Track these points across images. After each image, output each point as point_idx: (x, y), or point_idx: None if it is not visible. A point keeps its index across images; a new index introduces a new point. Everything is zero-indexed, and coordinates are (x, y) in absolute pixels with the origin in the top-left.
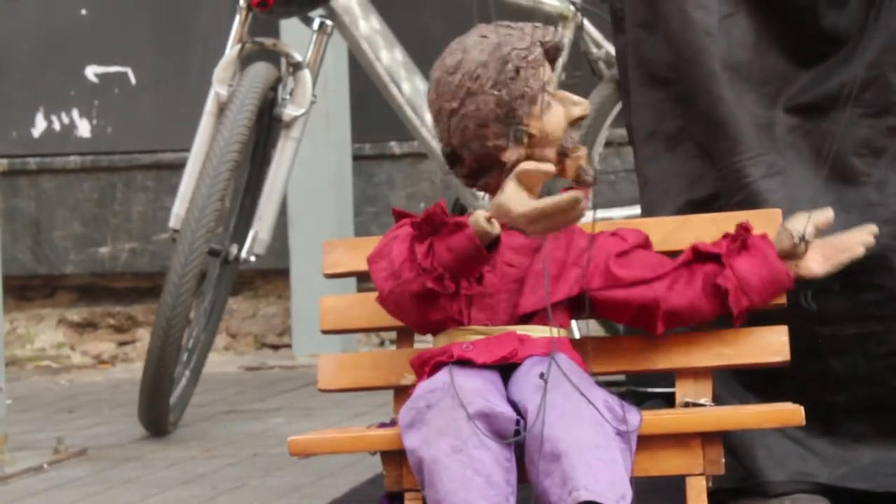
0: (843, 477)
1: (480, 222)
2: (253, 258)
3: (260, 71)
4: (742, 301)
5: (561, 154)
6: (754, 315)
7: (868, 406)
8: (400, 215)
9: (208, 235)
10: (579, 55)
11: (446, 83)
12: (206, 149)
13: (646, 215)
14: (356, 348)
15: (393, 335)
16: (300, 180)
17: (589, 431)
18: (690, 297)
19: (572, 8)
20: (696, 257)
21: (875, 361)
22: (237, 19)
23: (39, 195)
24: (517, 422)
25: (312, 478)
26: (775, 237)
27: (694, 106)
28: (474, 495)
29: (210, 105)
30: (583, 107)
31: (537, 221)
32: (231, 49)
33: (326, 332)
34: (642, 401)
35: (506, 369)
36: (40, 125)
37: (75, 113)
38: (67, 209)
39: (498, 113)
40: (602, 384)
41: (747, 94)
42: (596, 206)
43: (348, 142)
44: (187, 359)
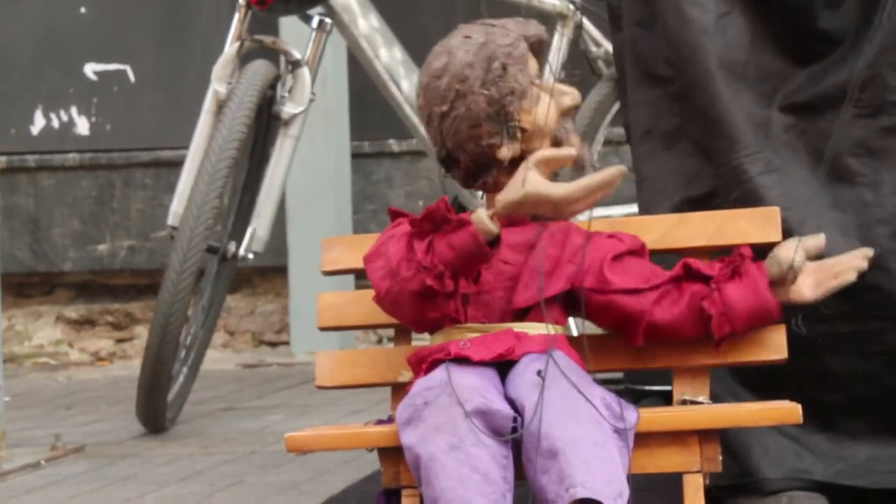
0: (839, 474)
1: (484, 220)
2: (251, 255)
3: (259, 69)
4: (725, 328)
5: (556, 145)
6: None
7: (864, 404)
8: (395, 214)
9: (206, 233)
10: (578, 54)
11: (434, 87)
12: (205, 146)
13: (642, 213)
14: (354, 345)
15: (391, 332)
16: (299, 178)
17: (586, 429)
18: (675, 315)
19: (571, 6)
20: (687, 274)
21: (871, 360)
22: (236, 17)
23: (38, 192)
24: (514, 419)
25: (310, 475)
26: (766, 262)
27: (691, 104)
28: (471, 493)
29: (209, 103)
30: (572, 96)
31: (577, 201)
32: (230, 47)
33: (324, 330)
34: (640, 398)
35: (503, 366)
36: (39, 122)
37: (74, 110)
38: (66, 206)
39: (489, 112)
40: (599, 382)
41: (743, 93)
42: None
43: (347, 140)
44: (185, 356)
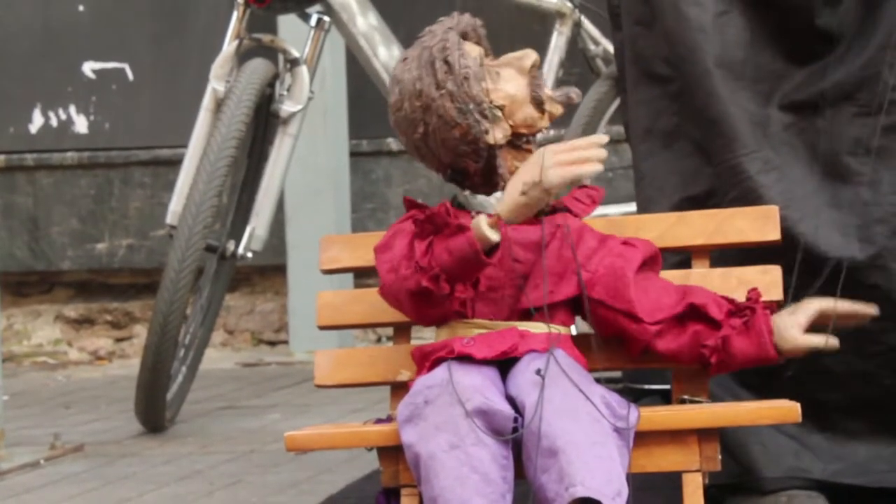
0: (838, 473)
1: (482, 228)
2: (250, 254)
3: (257, 67)
4: (721, 369)
5: (539, 105)
6: None
7: (863, 404)
8: (411, 205)
9: (205, 231)
10: (577, 52)
11: (402, 120)
12: (204, 145)
13: (641, 211)
14: (353, 344)
15: (390, 331)
16: (297, 177)
17: (586, 428)
18: (675, 349)
19: (570, 5)
20: (692, 314)
21: (869, 360)
22: (234, 15)
23: (37, 191)
24: (515, 419)
25: (309, 474)
26: (785, 319)
27: (689, 103)
28: (470, 492)
29: (207, 101)
30: (527, 54)
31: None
32: (228, 45)
33: (323, 328)
34: (639, 397)
35: (505, 364)
36: (37, 121)
37: (72, 109)
38: (65, 205)
39: (458, 106)
40: (599, 381)
41: (742, 92)
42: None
43: (346, 138)
44: (184, 355)
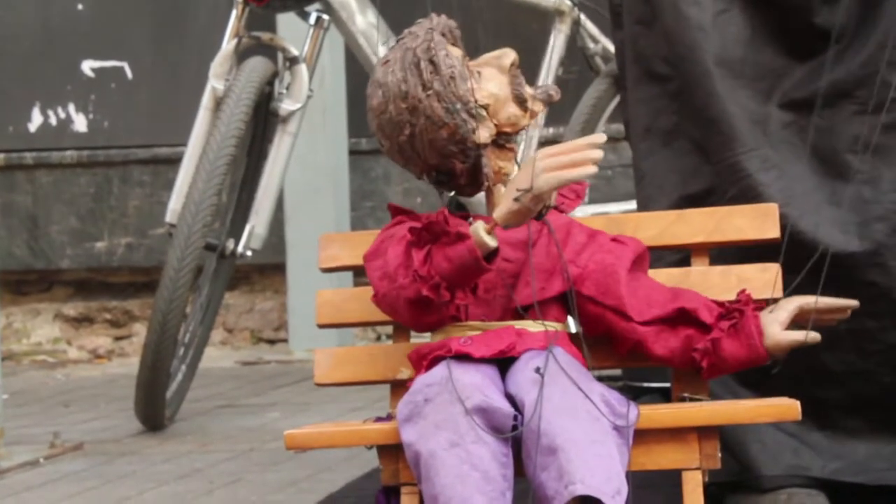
0: (837, 471)
1: (481, 234)
2: (249, 253)
3: (256, 65)
4: (713, 373)
5: (522, 103)
6: None
7: (862, 402)
8: (396, 211)
9: (205, 230)
10: (576, 51)
11: (386, 122)
12: (203, 143)
13: (641, 210)
14: (353, 343)
15: (389, 329)
16: (297, 175)
17: (585, 426)
18: (665, 352)
19: (569, 3)
20: (682, 319)
21: (868, 358)
22: (234, 14)
23: (36, 190)
24: (515, 417)
25: (309, 472)
26: (767, 317)
27: (689, 102)
28: (471, 490)
29: (206, 99)
30: (505, 52)
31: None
32: (227, 43)
33: (323, 327)
34: (639, 395)
35: (503, 363)
36: (37, 120)
37: (72, 107)
38: (64, 204)
39: (445, 106)
40: (599, 379)
41: (741, 90)
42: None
43: (345, 136)
44: (183, 353)
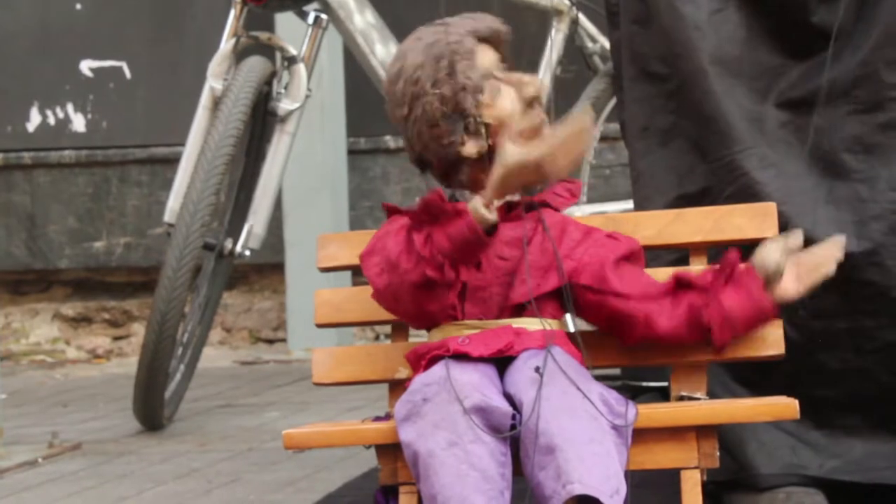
0: (835, 470)
1: (479, 209)
2: (248, 252)
3: (255, 65)
4: (726, 335)
5: (527, 137)
6: None
7: (859, 401)
8: (391, 210)
9: (203, 230)
10: (575, 50)
11: (393, 93)
12: (201, 143)
13: (638, 209)
14: (351, 342)
15: (388, 329)
16: (295, 175)
17: (584, 425)
18: (673, 326)
19: (567, 2)
20: (680, 286)
21: (866, 357)
22: (232, 13)
23: (34, 189)
24: (513, 416)
25: (307, 472)
26: (753, 263)
27: (685, 101)
28: (469, 489)
29: (205, 99)
30: (534, 84)
31: (557, 156)
32: (226, 43)
33: (321, 326)
34: (637, 395)
35: (501, 362)
36: (35, 119)
37: (70, 107)
38: (62, 203)
39: (444, 110)
40: (597, 378)
41: (738, 89)
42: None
43: (343, 136)
44: (182, 353)
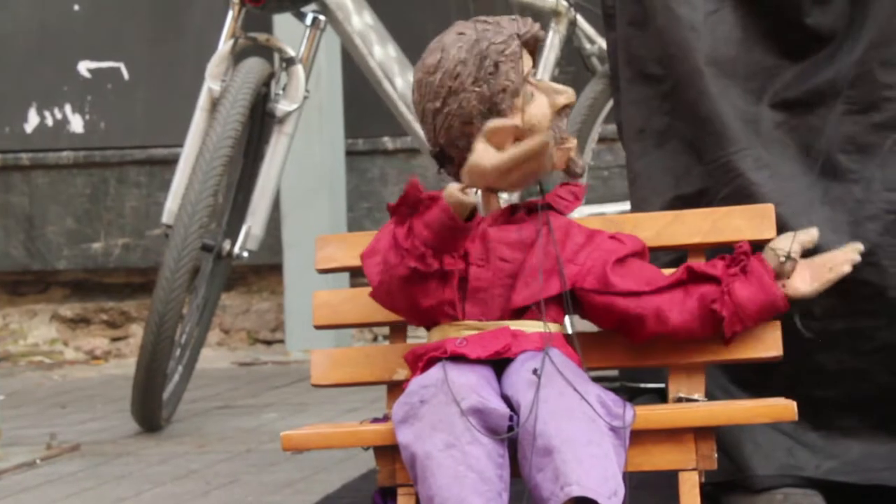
0: (831, 470)
1: (454, 194)
2: (246, 254)
3: (253, 66)
4: (736, 326)
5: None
6: None
7: (857, 401)
8: (394, 211)
9: (201, 231)
10: (573, 51)
11: (428, 83)
12: (199, 144)
13: (634, 211)
14: (349, 343)
15: (386, 330)
16: (293, 176)
17: (581, 427)
18: (685, 319)
19: (565, 3)
20: (691, 277)
21: (863, 357)
22: (230, 14)
23: (32, 190)
24: (511, 418)
25: (305, 473)
26: (764, 255)
27: (681, 102)
28: (467, 491)
29: (203, 100)
30: (567, 95)
31: (509, 172)
32: (224, 44)
33: (319, 328)
34: (635, 396)
35: (499, 364)
36: (33, 120)
37: (68, 108)
38: (60, 204)
39: (481, 109)
40: (595, 380)
41: (733, 90)
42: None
43: (341, 137)
44: (180, 354)
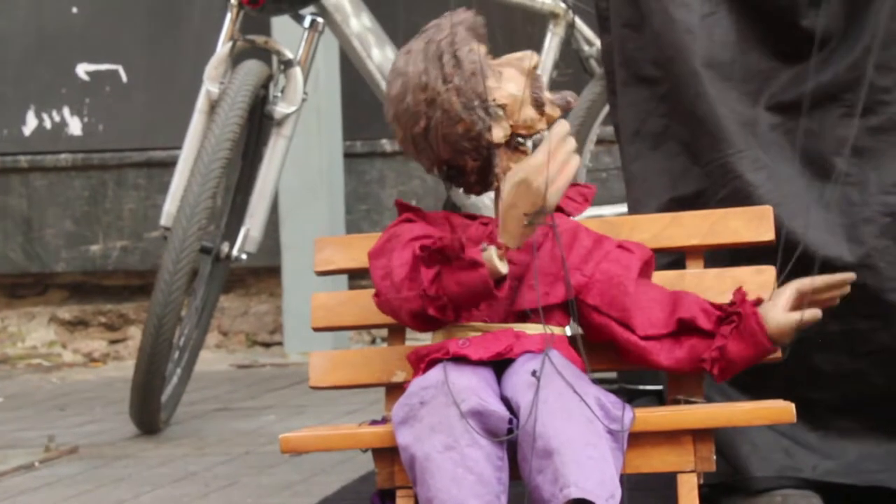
0: (829, 472)
1: (494, 260)
2: (244, 256)
3: (251, 68)
4: (726, 376)
5: (539, 107)
6: None
7: (853, 403)
8: (403, 208)
9: (200, 233)
10: (571, 53)
11: (403, 111)
12: (198, 146)
13: (630, 213)
14: (348, 345)
15: (384, 332)
16: (291, 178)
17: (580, 429)
18: (672, 363)
19: (563, 5)
20: (683, 330)
21: (859, 359)
22: (228, 17)
23: (31, 193)
24: (510, 420)
25: (304, 475)
26: (767, 306)
27: (677, 104)
28: (466, 493)
29: (201, 103)
30: (528, 55)
31: (552, 163)
32: (222, 47)
33: (318, 330)
34: (634, 398)
35: (500, 365)
36: (31, 123)
37: (66, 111)
38: (59, 207)
39: (464, 101)
40: (594, 381)
41: (729, 92)
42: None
43: (339, 139)
44: (179, 357)
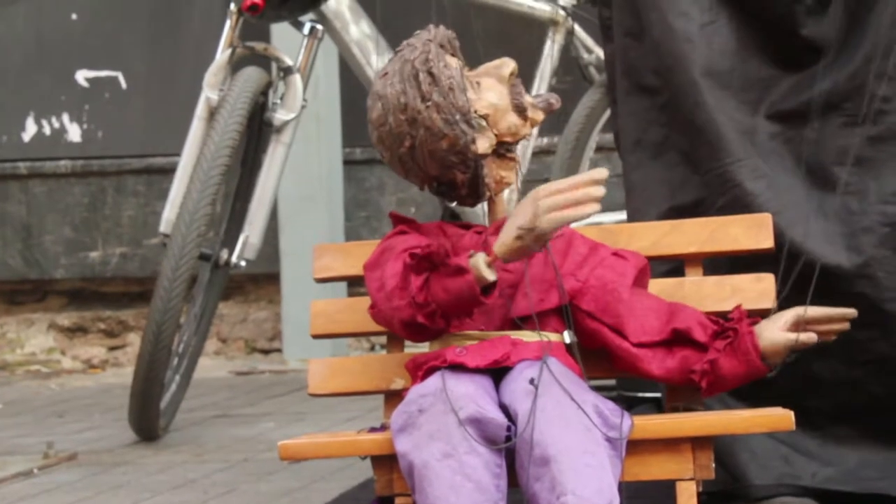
0: (828, 479)
1: (481, 268)
2: (243, 263)
3: (251, 75)
4: (713, 391)
5: (521, 112)
6: None
7: (851, 411)
8: (397, 220)
9: (199, 240)
10: (570, 60)
11: (386, 134)
12: (197, 153)
13: (630, 221)
14: (346, 353)
15: (383, 339)
16: (291, 185)
17: (578, 437)
18: (662, 372)
19: (563, 13)
20: (677, 340)
21: (857, 368)
22: (228, 24)
23: (30, 200)
24: (508, 428)
25: (303, 482)
26: (764, 324)
27: (677, 113)
28: (464, 500)
29: (200, 109)
30: (505, 62)
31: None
32: (222, 53)
33: (317, 337)
34: (632, 405)
35: (498, 373)
36: (31, 129)
37: (66, 117)
38: (58, 214)
39: (445, 117)
40: (592, 389)
41: (729, 101)
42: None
43: (339, 146)
44: (178, 363)
